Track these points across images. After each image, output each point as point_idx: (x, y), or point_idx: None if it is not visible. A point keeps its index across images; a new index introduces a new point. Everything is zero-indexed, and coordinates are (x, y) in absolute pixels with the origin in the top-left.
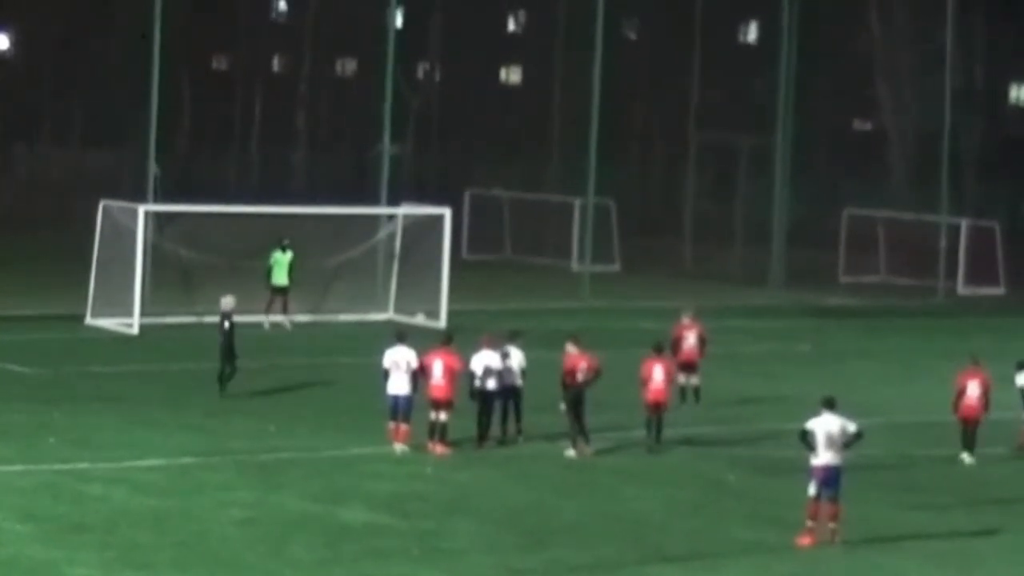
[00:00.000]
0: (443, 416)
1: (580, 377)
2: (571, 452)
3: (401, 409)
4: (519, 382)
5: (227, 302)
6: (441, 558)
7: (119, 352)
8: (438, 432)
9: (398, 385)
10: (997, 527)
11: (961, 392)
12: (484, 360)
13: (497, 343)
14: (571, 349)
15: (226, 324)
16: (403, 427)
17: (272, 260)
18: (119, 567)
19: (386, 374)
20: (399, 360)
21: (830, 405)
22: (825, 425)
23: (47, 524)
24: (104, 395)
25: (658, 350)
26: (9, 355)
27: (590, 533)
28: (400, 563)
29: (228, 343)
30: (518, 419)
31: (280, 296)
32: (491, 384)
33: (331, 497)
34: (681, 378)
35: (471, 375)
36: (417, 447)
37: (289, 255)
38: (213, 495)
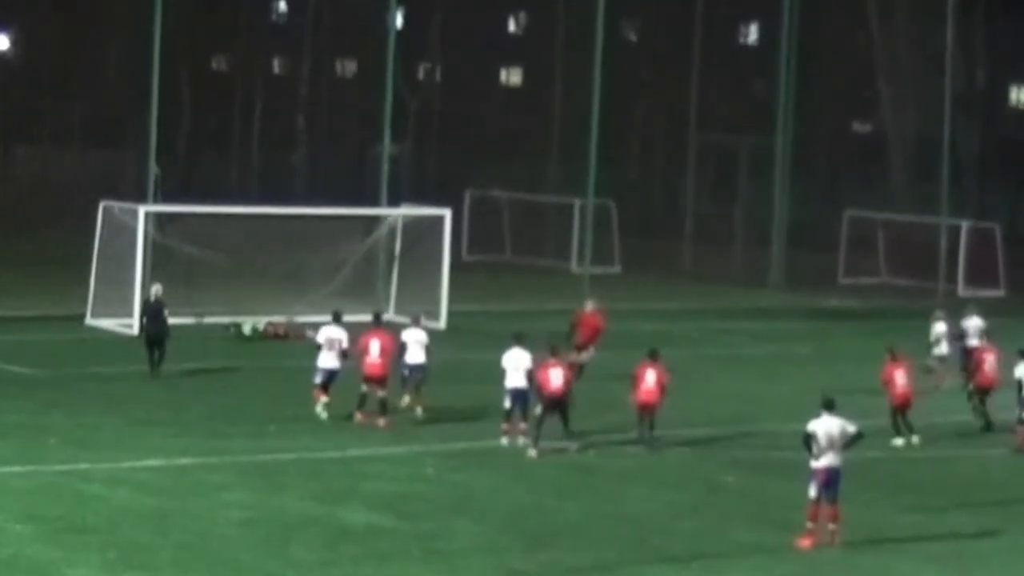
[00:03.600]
0: (380, 392)
1: (557, 387)
2: (532, 452)
3: (329, 380)
4: (523, 384)
5: (156, 289)
6: (441, 559)
7: (119, 353)
8: (378, 406)
9: (329, 361)
10: (997, 528)
11: (890, 381)
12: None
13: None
14: (549, 359)
15: (165, 311)
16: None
17: None
18: (119, 568)
19: (319, 349)
20: (332, 340)
21: (830, 406)
22: (825, 426)
23: (47, 524)
24: (104, 396)
25: (652, 356)
26: (9, 356)
27: (590, 534)
28: (400, 564)
29: (159, 329)
30: (523, 419)
31: None
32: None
33: (331, 498)
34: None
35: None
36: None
37: None
38: (213, 496)
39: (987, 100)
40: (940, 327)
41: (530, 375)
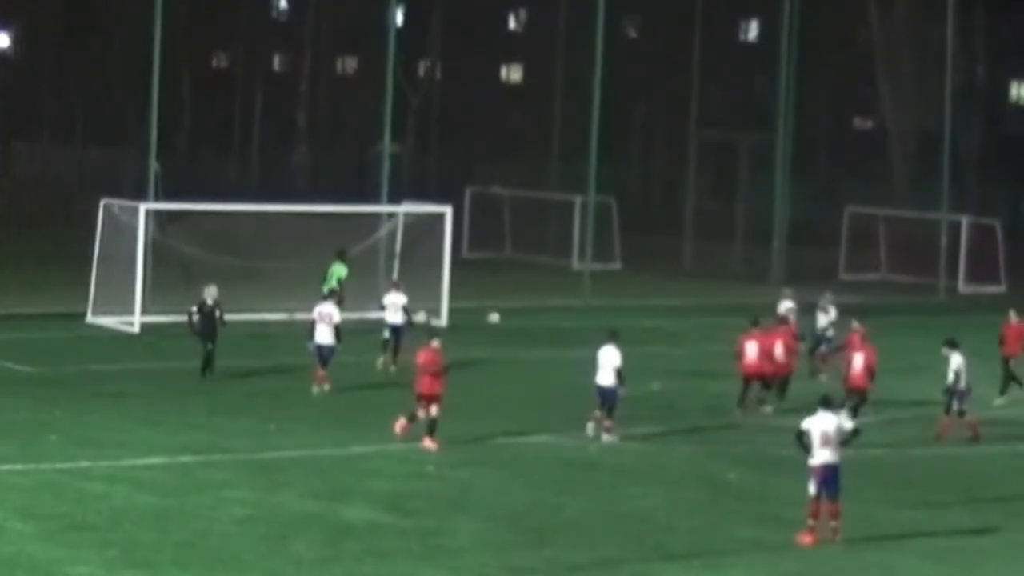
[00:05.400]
0: (434, 411)
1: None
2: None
3: (325, 356)
4: (610, 382)
5: (211, 291)
6: (442, 556)
7: (120, 350)
8: (427, 427)
9: (323, 335)
10: (997, 525)
11: (740, 352)
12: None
13: None
14: (751, 329)
15: (217, 312)
16: (321, 371)
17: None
18: (120, 565)
19: (312, 325)
20: (323, 314)
21: (826, 404)
22: (821, 424)
23: (48, 523)
24: (105, 393)
25: (754, 323)
26: (10, 354)
27: (591, 531)
28: (401, 561)
29: (211, 328)
30: (609, 416)
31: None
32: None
33: (332, 495)
34: None
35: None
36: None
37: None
38: (214, 493)
39: (987, 96)
40: (787, 304)
41: (619, 373)
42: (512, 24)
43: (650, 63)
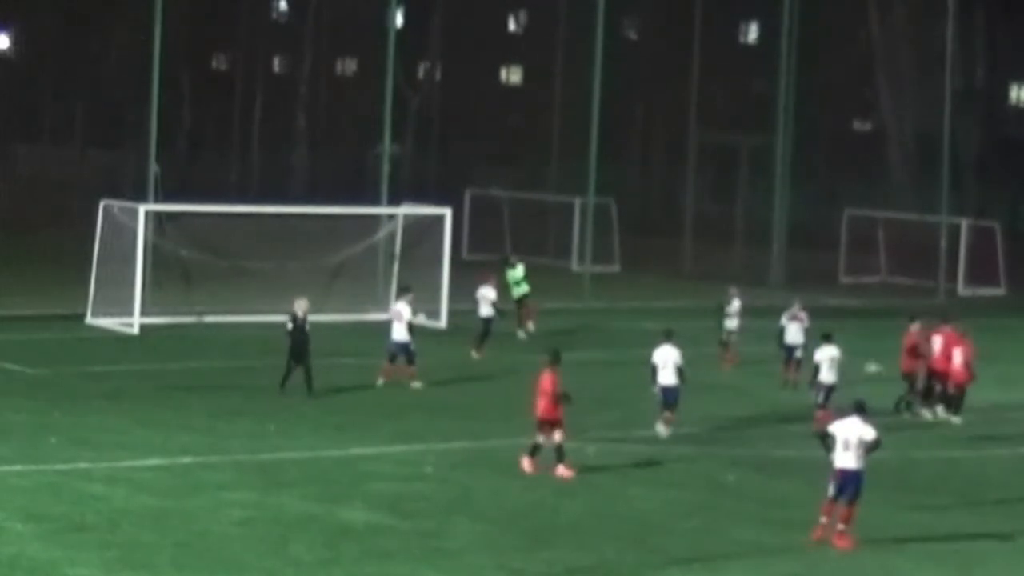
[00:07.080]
0: (557, 436)
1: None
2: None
3: (398, 352)
4: (673, 381)
5: (301, 305)
6: (442, 558)
7: (119, 352)
8: (555, 453)
9: (398, 333)
10: (997, 527)
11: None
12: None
13: None
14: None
15: (299, 326)
16: (388, 366)
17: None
18: (120, 567)
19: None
20: (395, 310)
21: (860, 409)
22: (845, 430)
23: (48, 524)
24: (104, 395)
25: (945, 320)
26: (10, 355)
27: (591, 534)
28: (401, 563)
29: (302, 343)
30: (672, 409)
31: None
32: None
33: (331, 497)
34: None
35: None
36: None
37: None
38: (214, 495)
39: (987, 98)
40: (735, 303)
41: (680, 372)
42: (512, 26)
43: (650, 64)
